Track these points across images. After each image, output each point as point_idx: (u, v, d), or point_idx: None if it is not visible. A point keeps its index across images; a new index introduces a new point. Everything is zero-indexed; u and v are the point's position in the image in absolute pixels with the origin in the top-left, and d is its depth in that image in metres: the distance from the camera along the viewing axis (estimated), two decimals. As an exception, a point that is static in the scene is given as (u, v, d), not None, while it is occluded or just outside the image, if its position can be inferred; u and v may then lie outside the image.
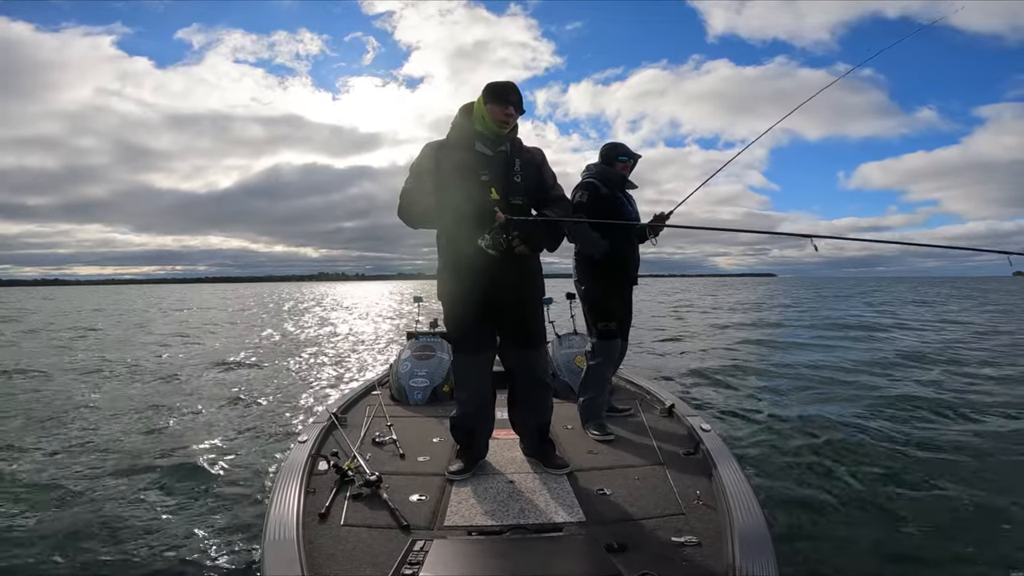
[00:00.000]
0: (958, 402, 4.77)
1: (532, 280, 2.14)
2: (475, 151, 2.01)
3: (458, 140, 2.03)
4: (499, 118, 1.98)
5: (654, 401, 3.10)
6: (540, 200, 2.10)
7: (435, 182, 1.97)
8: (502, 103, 1.97)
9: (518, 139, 2.10)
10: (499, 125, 1.99)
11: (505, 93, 1.98)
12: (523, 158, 2.07)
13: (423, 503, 1.85)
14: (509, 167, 2.02)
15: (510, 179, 2.00)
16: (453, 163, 1.98)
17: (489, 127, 2.00)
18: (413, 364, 3.45)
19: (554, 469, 2.11)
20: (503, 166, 2.01)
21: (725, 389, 5.64)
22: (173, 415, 4.74)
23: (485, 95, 2.00)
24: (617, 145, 2.75)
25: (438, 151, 2.03)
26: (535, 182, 2.07)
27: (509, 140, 2.05)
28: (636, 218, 2.75)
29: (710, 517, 1.69)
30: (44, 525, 2.54)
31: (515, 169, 2.02)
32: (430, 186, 1.98)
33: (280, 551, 1.44)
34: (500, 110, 1.97)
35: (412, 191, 2.01)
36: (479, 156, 2.00)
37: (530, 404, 2.21)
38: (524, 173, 2.04)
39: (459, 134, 2.04)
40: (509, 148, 2.05)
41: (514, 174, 2.02)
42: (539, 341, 2.19)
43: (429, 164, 2.01)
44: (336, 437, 2.41)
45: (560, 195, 2.15)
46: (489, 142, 2.01)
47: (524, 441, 2.30)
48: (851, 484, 2.88)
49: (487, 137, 2.01)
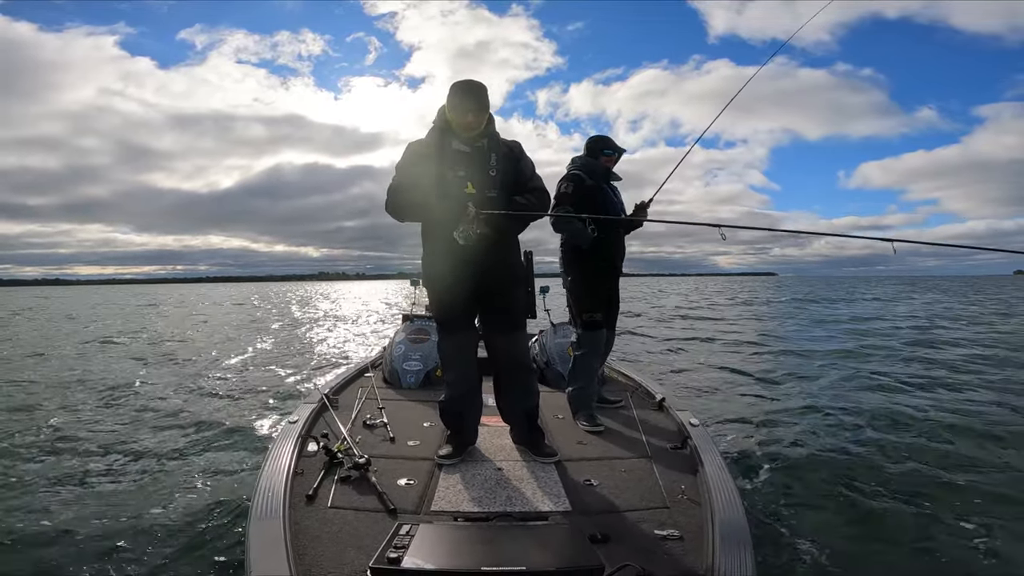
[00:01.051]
0: (956, 396, 4.82)
1: (508, 263, 2.20)
2: (452, 149, 2.09)
3: (436, 138, 2.11)
4: (462, 125, 2.06)
5: (645, 394, 3.11)
6: (518, 192, 2.16)
7: (416, 179, 2.07)
8: (460, 112, 2.04)
9: (495, 133, 2.16)
10: (466, 130, 2.07)
11: (461, 102, 2.04)
12: (499, 152, 2.13)
13: (411, 487, 1.86)
14: (485, 162, 2.09)
15: (486, 174, 2.08)
16: (431, 161, 2.07)
17: (461, 127, 2.09)
18: (407, 347, 3.45)
19: (542, 457, 2.16)
20: (479, 162, 2.09)
21: (716, 385, 5.69)
22: (167, 390, 4.76)
23: (447, 101, 2.08)
24: (602, 138, 2.84)
25: (420, 149, 2.12)
26: (512, 175, 2.14)
27: (486, 136, 2.12)
28: (621, 209, 2.82)
29: (693, 512, 1.71)
30: (36, 501, 2.56)
31: (491, 164, 2.10)
32: (412, 182, 2.07)
33: (266, 532, 1.45)
34: (461, 118, 2.05)
35: (396, 189, 2.11)
36: (455, 154, 2.09)
37: (515, 389, 2.27)
38: (500, 167, 2.11)
39: (437, 133, 2.12)
40: (486, 144, 2.11)
41: (490, 168, 2.09)
42: (519, 324, 2.26)
43: (411, 161, 2.11)
44: (327, 419, 2.42)
45: (536, 186, 2.21)
46: (465, 139, 2.09)
47: (514, 429, 2.34)
48: (839, 485, 2.91)
49: (462, 135, 2.09)
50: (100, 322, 15.43)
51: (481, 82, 2.09)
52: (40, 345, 8.91)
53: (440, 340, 2.30)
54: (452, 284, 2.14)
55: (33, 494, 2.70)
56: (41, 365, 6.83)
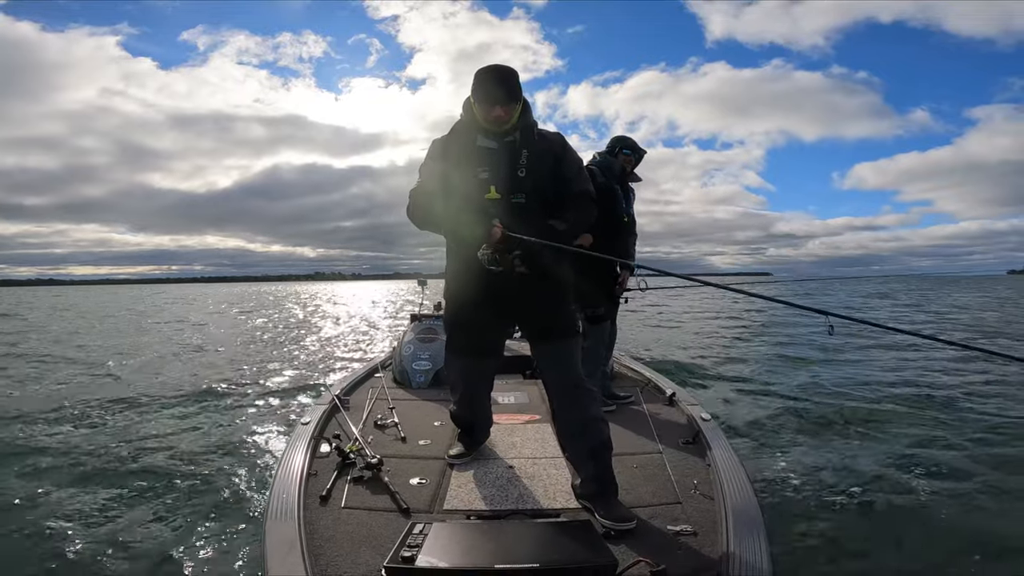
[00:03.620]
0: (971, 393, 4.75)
1: (550, 285, 1.83)
2: (476, 145, 1.79)
3: (460, 135, 1.84)
4: (489, 119, 1.75)
5: (655, 389, 3.10)
6: (556, 196, 1.82)
7: (437, 182, 1.81)
8: (487, 104, 1.73)
9: (531, 125, 1.82)
10: (494, 124, 1.76)
11: (487, 93, 1.73)
12: (534, 148, 1.79)
13: (423, 486, 1.87)
14: (514, 160, 1.77)
15: (513, 174, 1.76)
16: (453, 161, 1.80)
17: (488, 122, 1.78)
18: (416, 347, 3.47)
19: (612, 522, 1.57)
20: (506, 159, 1.77)
21: (727, 380, 5.65)
22: (179, 396, 4.81)
23: (472, 92, 1.77)
24: (622, 138, 2.92)
25: (442, 148, 1.86)
26: (547, 176, 1.79)
27: (519, 128, 1.79)
28: (629, 212, 2.87)
29: (706, 507, 1.70)
30: (50, 506, 2.60)
31: (520, 162, 1.76)
32: (432, 186, 1.82)
33: (281, 532, 1.47)
34: (487, 111, 1.74)
35: (416, 192, 1.86)
36: (480, 151, 1.78)
37: (571, 421, 1.84)
38: (531, 166, 1.77)
39: (462, 128, 1.85)
40: (518, 138, 1.79)
41: (519, 168, 1.76)
42: (564, 332, 1.85)
43: (432, 163, 1.86)
44: (339, 419, 2.43)
45: (582, 190, 1.83)
46: (493, 134, 1.78)
47: (578, 475, 1.80)
48: (850, 479, 2.88)
49: (490, 129, 1.78)
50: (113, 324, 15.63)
51: (510, 67, 1.75)
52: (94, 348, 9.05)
53: (446, 357, 2.13)
54: (471, 312, 1.88)
55: (52, 489, 2.75)
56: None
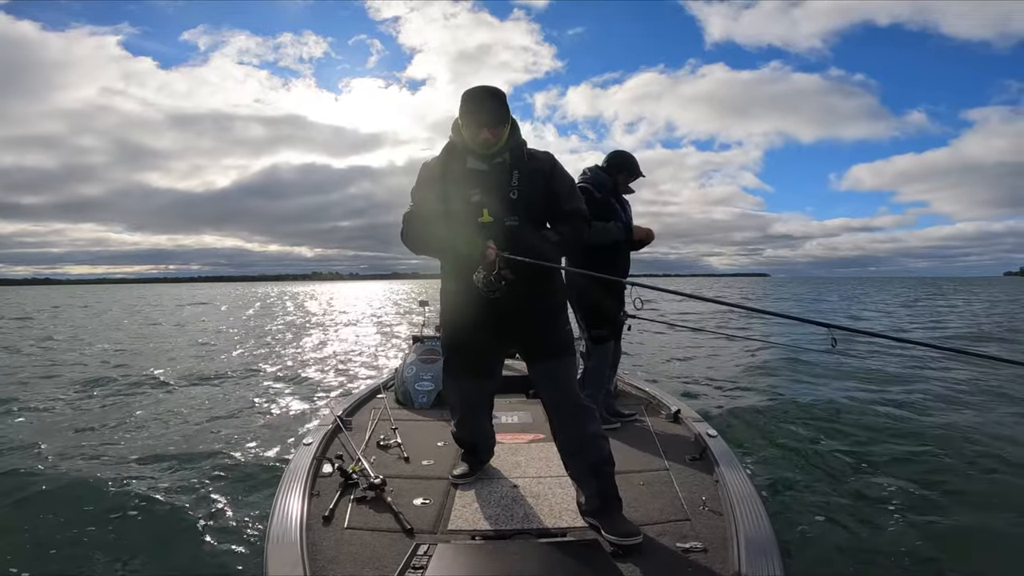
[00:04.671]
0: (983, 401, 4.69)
1: (543, 301, 1.84)
2: (466, 168, 1.77)
3: (451, 157, 1.82)
4: (478, 142, 1.72)
5: (660, 406, 3.07)
6: (550, 216, 1.83)
7: (430, 206, 1.80)
8: (475, 127, 1.71)
9: (520, 145, 1.80)
10: (482, 147, 1.74)
11: (474, 116, 1.70)
12: (524, 169, 1.77)
13: (427, 507, 1.85)
14: (505, 182, 1.75)
15: (505, 196, 1.74)
16: (444, 184, 1.78)
17: (477, 145, 1.76)
18: (419, 368, 3.45)
19: (617, 537, 1.56)
20: (498, 181, 1.75)
21: (732, 395, 5.59)
22: (177, 415, 4.77)
23: (459, 114, 1.75)
24: (627, 160, 2.86)
25: (432, 171, 1.84)
26: (540, 197, 1.78)
27: (508, 149, 1.78)
28: (629, 223, 2.86)
29: (716, 523, 1.67)
30: (46, 528, 2.55)
31: (512, 184, 1.75)
32: (425, 210, 1.81)
33: (283, 553, 1.45)
34: (475, 134, 1.72)
35: (410, 216, 1.85)
36: (471, 173, 1.76)
37: (569, 432, 1.83)
38: (523, 188, 1.75)
39: (452, 150, 1.82)
40: (508, 158, 1.78)
41: (511, 190, 1.74)
42: (560, 351, 1.85)
43: (424, 187, 1.84)
44: (341, 440, 2.41)
45: (574, 209, 1.83)
46: (482, 156, 1.76)
47: (582, 494, 1.79)
48: (862, 491, 2.83)
49: (479, 152, 1.76)
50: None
51: (497, 88, 1.72)
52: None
53: (444, 380, 2.13)
54: (468, 334, 1.87)
55: (46, 510, 2.70)
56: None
